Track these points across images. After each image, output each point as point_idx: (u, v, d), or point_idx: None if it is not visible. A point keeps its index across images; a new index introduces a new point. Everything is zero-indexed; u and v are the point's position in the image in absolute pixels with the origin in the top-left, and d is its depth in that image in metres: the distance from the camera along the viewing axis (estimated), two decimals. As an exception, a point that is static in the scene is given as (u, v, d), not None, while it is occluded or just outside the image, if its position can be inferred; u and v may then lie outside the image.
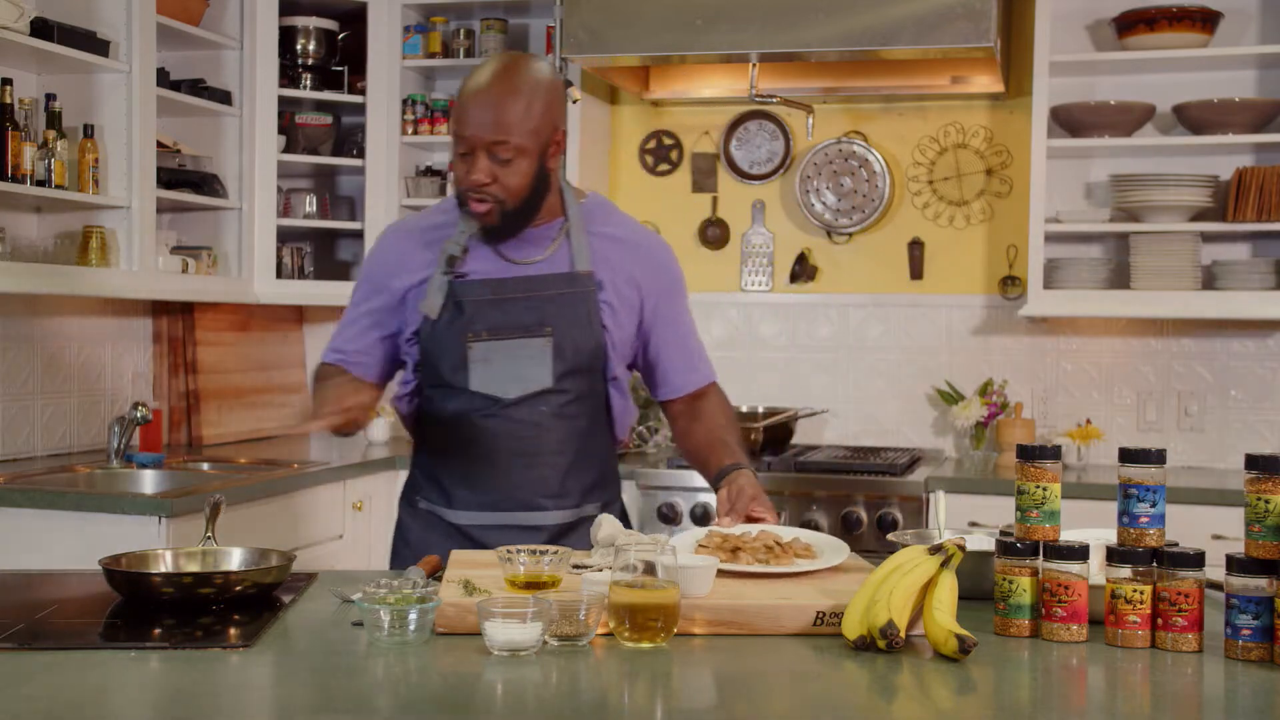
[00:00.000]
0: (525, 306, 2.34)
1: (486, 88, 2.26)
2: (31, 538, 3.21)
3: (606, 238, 2.42)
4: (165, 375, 4.39)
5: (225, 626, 1.86)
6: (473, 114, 2.25)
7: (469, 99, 2.27)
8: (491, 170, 2.26)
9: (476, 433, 2.38)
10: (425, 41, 4.60)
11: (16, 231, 3.73)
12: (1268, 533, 1.73)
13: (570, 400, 2.38)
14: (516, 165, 2.26)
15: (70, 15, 3.63)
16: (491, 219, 2.30)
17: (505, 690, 1.60)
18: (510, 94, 2.25)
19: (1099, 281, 4.12)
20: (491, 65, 2.30)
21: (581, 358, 2.37)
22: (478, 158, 2.25)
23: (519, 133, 2.25)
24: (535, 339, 2.34)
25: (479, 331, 2.34)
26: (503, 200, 2.28)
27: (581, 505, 2.44)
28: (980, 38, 3.69)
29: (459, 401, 2.38)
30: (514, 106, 2.25)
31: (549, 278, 2.35)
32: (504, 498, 2.40)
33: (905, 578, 1.78)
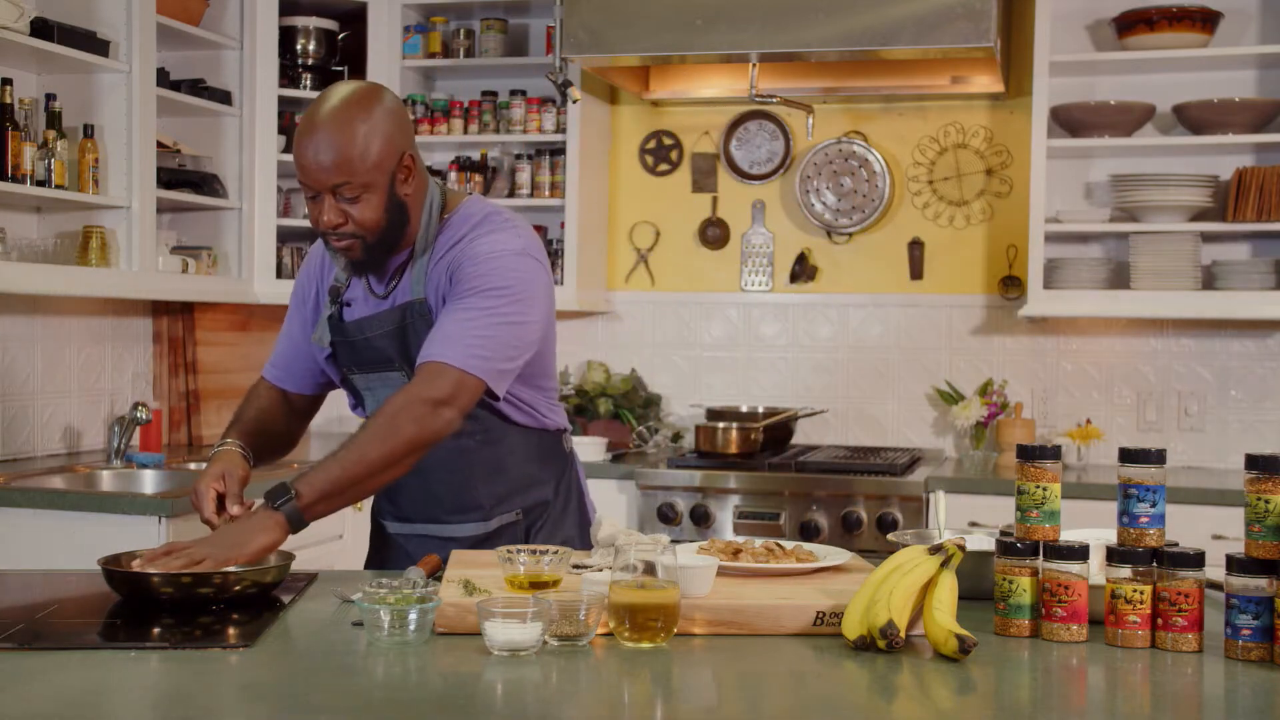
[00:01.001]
0: (367, 346, 2.35)
1: (319, 130, 2.17)
2: (31, 538, 3.21)
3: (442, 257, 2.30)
4: (165, 375, 4.39)
5: (225, 626, 1.86)
6: (310, 158, 2.17)
7: (304, 143, 2.18)
8: (341, 210, 2.20)
9: None
10: (425, 41, 4.60)
11: (16, 231, 3.73)
12: (1268, 533, 1.73)
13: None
14: (366, 201, 2.20)
15: (70, 15, 3.63)
16: (355, 254, 2.26)
17: (505, 690, 1.60)
18: (343, 133, 2.16)
19: (1099, 281, 4.12)
20: (322, 105, 2.20)
21: None
22: (324, 200, 2.20)
23: (359, 171, 2.17)
24: (393, 373, 2.34)
25: (351, 366, 2.39)
26: (360, 236, 2.23)
27: (492, 516, 2.40)
28: (980, 38, 3.69)
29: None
30: (350, 146, 2.16)
31: (389, 312, 2.33)
32: (417, 512, 2.43)
33: (905, 578, 1.78)
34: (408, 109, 4.56)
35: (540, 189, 4.52)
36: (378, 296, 2.36)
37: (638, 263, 4.75)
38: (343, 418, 4.89)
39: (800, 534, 3.83)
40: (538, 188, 4.52)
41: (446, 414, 2.17)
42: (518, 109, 4.53)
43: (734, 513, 3.93)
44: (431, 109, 4.59)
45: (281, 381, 2.52)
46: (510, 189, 4.58)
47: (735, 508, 3.93)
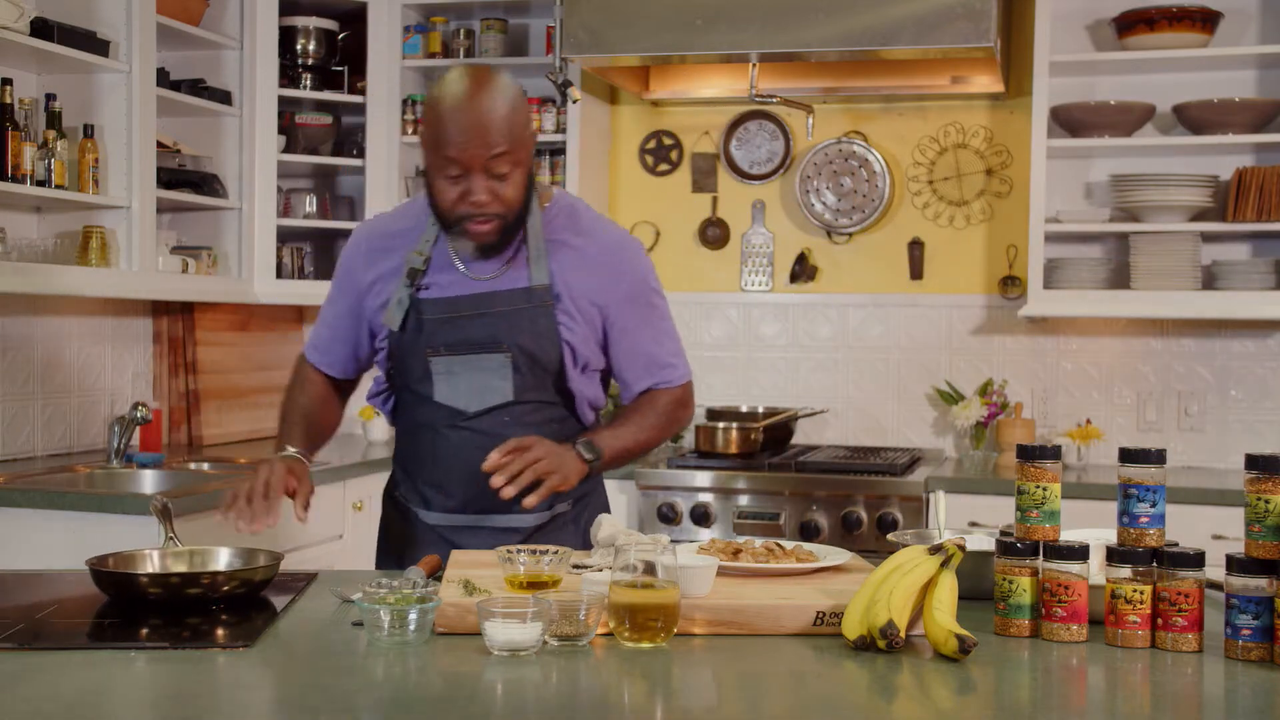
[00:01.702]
0: (481, 324, 2.32)
1: (472, 105, 2.17)
2: (31, 538, 3.21)
3: (566, 245, 2.36)
4: (165, 375, 4.39)
5: (224, 626, 1.86)
6: (463, 133, 2.16)
7: (459, 118, 2.17)
8: (490, 188, 2.21)
9: (442, 442, 2.38)
10: (425, 41, 4.60)
11: (16, 231, 3.73)
12: (1268, 533, 1.73)
13: (532, 409, 2.37)
14: (513, 178, 2.22)
15: (70, 15, 3.63)
16: (491, 237, 2.26)
17: (505, 690, 1.60)
18: (496, 108, 2.19)
19: (1099, 281, 4.12)
20: (462, 82, 2.20)
21: (541, 371, 2.35)
22: (474, 178, 2.19)
23: (515, 143, 2.20)
24: (494, 355, 2.32)
25: (438, 347, 2.34)
26: (504, 216, 2.24)
27: (553, 505, 2.42)
28: (980, 38, 3.69)
29: (426, 410, 2.39)
30: (503, 120, 2.19)
31: (505, 294, 2.32)
32: (473, 502, 2.39)
33: (905, 578, 1.78)
34: (407, 109, 4.57)
35: (540, 189, 4.51)
36: (480, 278, 2.33)
37: (638, 263, 4.75)
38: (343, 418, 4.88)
39: (800, 534, 3.84)
40: (538, 188, 4.52)
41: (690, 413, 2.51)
42: (518, 109, 4.52)
43: (734, 513, 3.93)
44: (431, 109, 4.59)
45: (323, 365, 2.52)
46: (510, 189, 4.57)
47: (735, 508, 3.93)
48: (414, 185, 4.62)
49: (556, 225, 2.37)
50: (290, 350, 4.89)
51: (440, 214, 2.27)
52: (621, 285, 2.38)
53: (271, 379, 4.78)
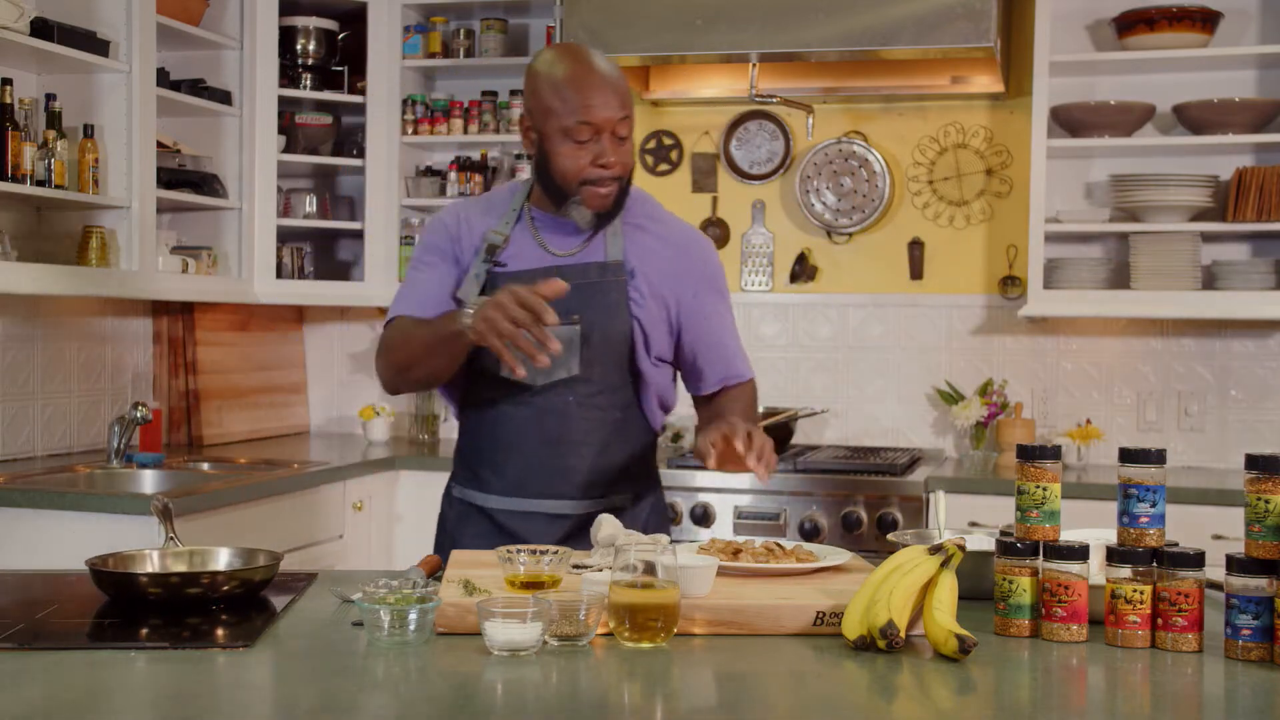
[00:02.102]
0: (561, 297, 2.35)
1: (595, 71, 2.28)
2: (31, 538, 3.21)
3: (643, 229, 2.44)
4: (165, 375, 4.39)
5: (223, 626, 1.86)
6: (597, 97, 2.25)
7: (589, 82, 2.26)
8: (615, 149, 2.30)
9: (507, 419, 2.40)
10: (425, 41, 4.60)
11: (16, 231, 3.73)
12: (1268, 533, 1.73)
13: (598, 391, 2.39)
14: (628, 142, 2.33)
15: (70, 15, 3.63)
16: (608, 202, 2.33)
17: (505, 690, 1.60)
18: (614, 73, 2.30)
19: (1099, 281, 4.12)
20: (579, 53, 2.31)
21: (609, 347, 2.38)
22: (604, 141, 2.28)
23: (630, 109, 2.31)
24: (563, 327, 2.32)
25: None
26: (623, 179, 2.33)
27: (609, 496, 2.44)
28: (980, 38, 3.69)
29: (493, 388, 2.40)
30: (622, 84, 2.30)
31: (578, 267, 2.36)
32: (531, 484, 2.41)
33: (905, 578, 1.78)
34: (407, 109, 4.57)
35: (540, 189, 4.51)
36: (559, 254, 2.38)
37: (638, 263, 4.75)
38: (343, 418, 4.90)
39: (800, 534, 3.84)
40: (538, 188, 4.52)
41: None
42: (518, 109, 4.53)
43: (734, 513, 3.93)
44: (431, 109, 4.59)
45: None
46: (510, 189, 4.57)
47: (735, 508, 3.93)
48: (414, 185, 4.62)
49: (633, 210, 2.44)
50: (290, 350, 4.90)
51: (563, 182, 2.32)
52: (699, 274, 2.46)
53: (271, 379, 4.78)
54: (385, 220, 4.56)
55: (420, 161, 4.74)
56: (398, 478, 4.18)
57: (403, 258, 4.58)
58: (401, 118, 4.57)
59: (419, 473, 4.17)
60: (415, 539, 4.11)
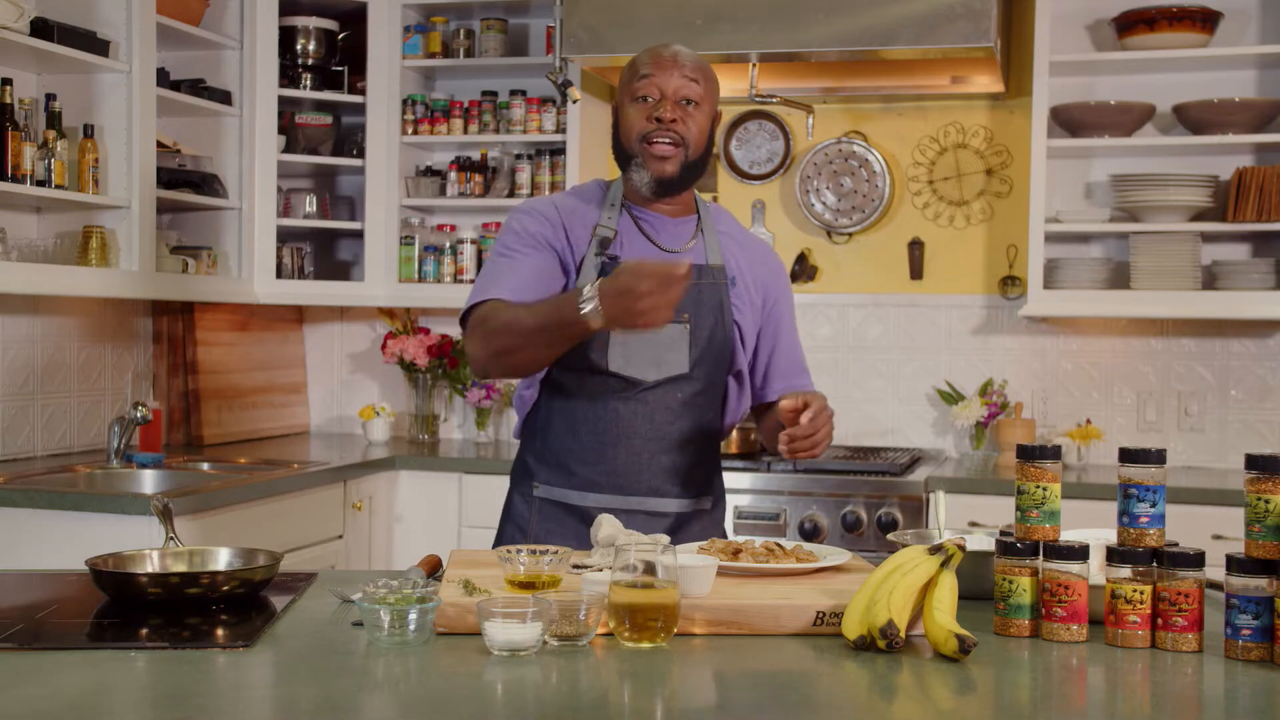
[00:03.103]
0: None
1: (675, 52, 2.39)
2: (31, 538, 3.21)
3: (732, 238, 2.52)
4: (165, 375, 4.39)
5: (223, 626, 1.86)
6: (666, 62, 2.36)
7: (657, 56, 2.38)
8: (679, 111, 2.35)
9: (613, 415, 2.40)
10: (425, 41, 4.60)
11: (16, 231, 3.73)
12: (1268, 533, 1.73)
13: (700, 390, 2.43)
14: (698, 116, 2.37)
15: (70, 15, 3.63)
16: (670, 166, 2.36)
17: (505, 690, 1.60)
18: (696, 60, 2.40)
19: (1099, 281, 4.12)
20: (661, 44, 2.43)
21: (714, 348, 2.42)
22: (665, 103, 2.35)
23: (705, 82, 2.39)
24: (674, 324, 2.36)
25: None
26: (685, 143, 2.36)
27: (700, 497, 2.48)
28: (980, 38, 3.69)
29: (596, 383, 2.40)
30: (700, 67, 2.40)
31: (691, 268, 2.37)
32: (633, 481, 2.42)
33: (905, 578, 1.78)
34: (407, 109, 4.57)
35: (540, 189, 4.51)
36: (667, 250, 2.42)
37: (638, 263, 4.75)
38: (344, 418, 4.90)
39: (800, 534, 3.84)
40: (538, 188, 4.52)
41: None
42: (518, 109, 4.53)
43: (734, 513, 3.93)
44: (431, 109, 4.59)
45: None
46: (510, 189, 4.58)
47: (735, 508, 3.93)
48: (414, 185, 4.62)
49: (722, 219, 2.54)
50: (290, 350, 4.90)
51: (626, 142, 2.40)
52: (779, 283, 2.57)
53: (272, 379, 4.78)
54: (385, 220, 4.56)
55: (420, 161, 4.74)
56: (398, 478, 4.18)
57: (402, 258, 4.58)
58: (401, 118, 4.57)
59: (419, 473, 4.17)
60: (415, 539, 4.11)
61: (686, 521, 2.46)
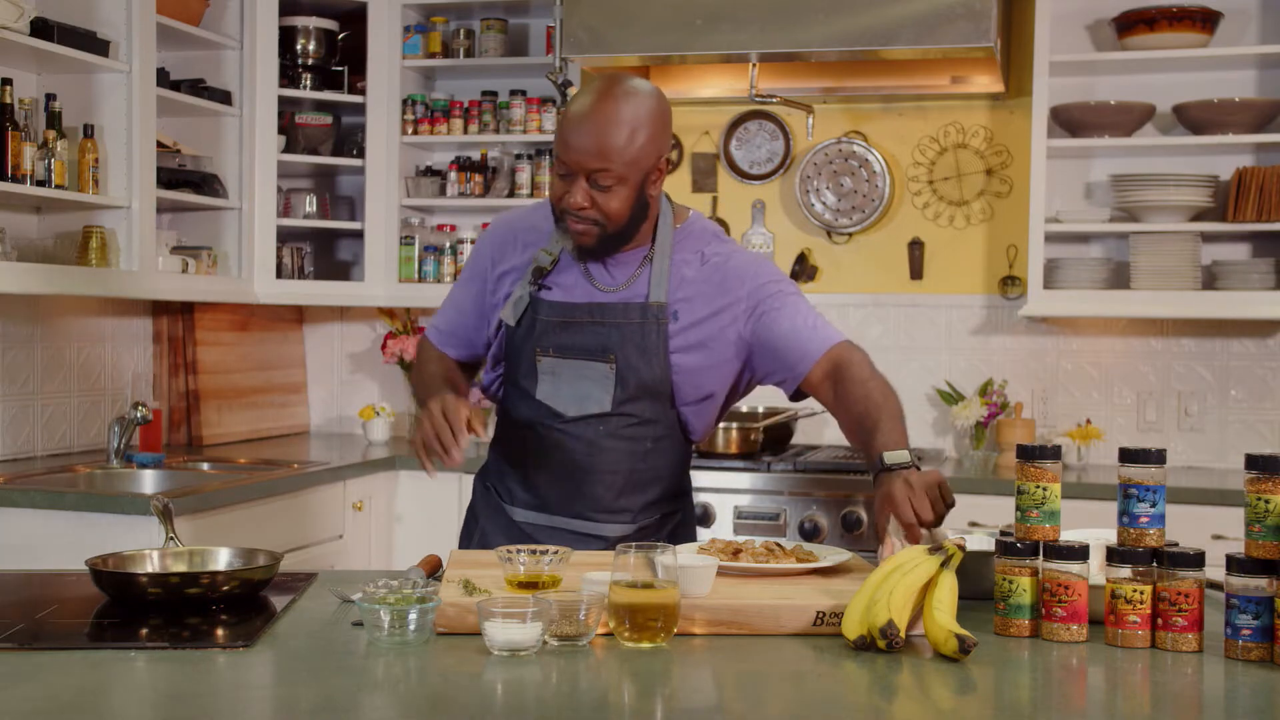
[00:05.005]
0: (592, 332, 2.34)
1: (591, 114, 2.23)
2: (31, 538, 3.21)
3: (689, 264, 2.37)
4: (165, 375, 4.39)
5: (223, 626, 1.86)
6: (575, 139, 2.22)
7: (573, 123, 2.24)
8: (590, 195, 2.25)
9: (538, 441, 2.40)
10: (425, 41, 4.60)
11: (16, 231, 3.73)
12: (1268, 533, 1.73)
13: (633, 424, 2.37)
14: (616, 192, 2.25)
15: (70, 15, 3.63)
16: (588, 240, 2.30)
17: (505, 690, 1.60)
18: (614, 123, 2.22)
19: (1099, 281, 4.12)
20: (597, 89, 2.26)
21: (645, 388, 2.35)
22: (577, 181, 2.24)
23: (619, 162, 2.22)
24: (599, 364, 2.34)
25: (547, 348, 2.36)
26: (601, 224, 2.27)
27: (637, 519, 2.44)
28: (980, 38, 3.69)
29: (528, 407, 2.41)
30: (617, 136, 2.22)
31: (620, 306, 2.34)
32: (559, 506, 2.42)
33: (905, 578, 1.78)
34: (407, 109, 4.57)
35: (540, 189, 4.51)
36: (603, 288, 2.36)
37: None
38: (344, 418, 4.90)
39: (800, 534, 3.83)
40: (538, 188, 4.52)
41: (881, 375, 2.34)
42: (518, 109, 4.53)
43: (734, 513, 3.93)
44: (431, 109, 4.59)
45: (444, 345, 2.54)
46: (510, 189, 4.58)
47: (735, 508, 3.93)
48: (414, 185, 4.62)
49: (686, 244, 2.39)
50: (290, 350, 4.90)
51: (551, 205, 2.34)
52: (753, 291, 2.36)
53: (271, 379, 4.78)
54: (385, 220, 4.56)
55: (420, 161, 4.74)
56: (398, 478, 4.18)
57: (402, 258, 4.58)
58: (401, 118, 4.57)
59: (419, 473, 4.15)
60: (415, 539, 4.11)
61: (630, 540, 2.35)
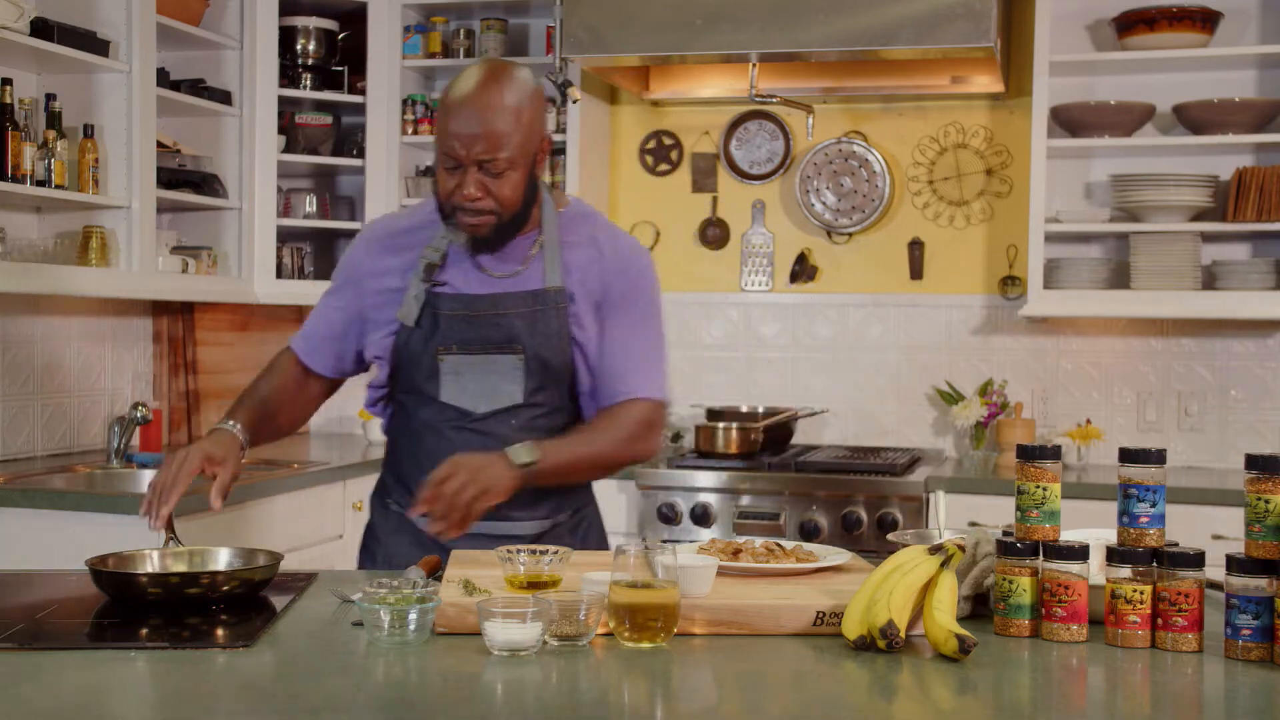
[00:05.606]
0: (495, 324, 2.32)
1: (473, 100, 2.20)
2: (31, 538, 3.21)
3: (580, 247, 2.36)
4: (165, 375, 4.39)
5: (223, 626, 1.86)
6: (463, 128, 2.19)
7: (456, 113, 2.20)
8: (483, 184, 2.22)
9: (445, 444, 2.35)
10: (425, 41, 4.60)
11: (16, 231, 3.73)
12: (1268, 533, 1.73)
13: (541, 414, 2.36)
14: (508, 178, 2.23)
15: (70, 15, 3.63)
16: (483, 232, 2.26)
17: (505, 690, 1.60)
18: (498, 106, 2.20)
19: (1099, 281, 4.12)
20: (474, 76, 2.23)
21: (552, 373, 2.34)
22: (468, 173, 2.21)
23: (509, 146, 2.20)
24: (506, 356, 2.31)
25: (449, 345, 2.33)
26: (497, 212, 2.25)
27: (554, 515, 2.41)
28: (980, 38, 3.69)
29: (430, 411, 2.38)
30: (503, 119, 2.20)
31: (520, 295, 2.32)
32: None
33: (905, 578, 1.78)
34: (407, 109, 4.57)
35: (540, 189, 4.51)
36: (497, 276, 2.33)
37: (638, 263, 4.75)
38: (344, 418, 4.90)
39: (800, 534, 3.84)
40: (538, 188, 4.52)
41: (657, 440, 2.36)
42: (518, 109, 4.52)
43: (734, 513, 3.93)
44: (431, 109, 4.59)
45: (307, 357, 2.48)
46: (510, 189, 4.57)
47: (735, 508, 3.93)
48: (414, 185, 4.62)
49: (572, 227, 2.38)
50: (290, 350, 4.89)
51: (439, 204, 2.28)
52: (620, 283, 2.36)
53: (271, 379, 4.78)
54: (385, 220, 4.55)
55: (420, 161, 4.74)
56: (398, 478, 4.18)
57: (403, 258, 4.58)
58: (401, 118, 4.57)
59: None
60: (415, 539, 4.11)
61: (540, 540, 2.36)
